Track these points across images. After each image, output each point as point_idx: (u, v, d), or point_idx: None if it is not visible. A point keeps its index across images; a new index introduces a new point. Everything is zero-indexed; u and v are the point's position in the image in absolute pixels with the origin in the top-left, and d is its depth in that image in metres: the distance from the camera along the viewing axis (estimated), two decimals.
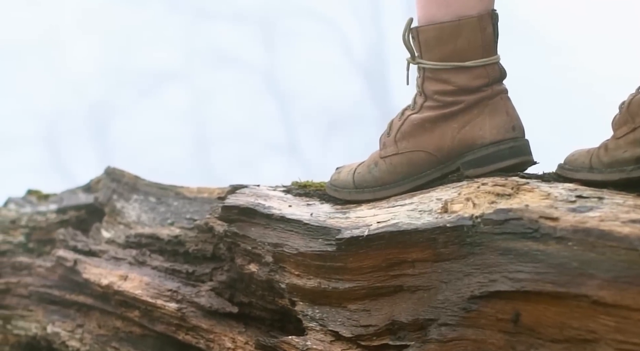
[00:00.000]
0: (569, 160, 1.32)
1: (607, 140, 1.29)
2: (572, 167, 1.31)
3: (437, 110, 1.37)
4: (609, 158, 1.26)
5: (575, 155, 1.35)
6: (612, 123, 1.29)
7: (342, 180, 1.46)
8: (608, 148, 1.26)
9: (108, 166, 1.99)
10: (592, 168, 1.30)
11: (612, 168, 1.25)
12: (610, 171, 1.25)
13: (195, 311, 1.54)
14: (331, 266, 1.36)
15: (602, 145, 1.28)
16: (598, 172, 1.27)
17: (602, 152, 1.27)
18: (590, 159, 1.31)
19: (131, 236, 1.77)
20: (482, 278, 1.18)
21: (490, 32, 1.35)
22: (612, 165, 1.25)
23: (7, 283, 1.92)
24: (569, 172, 1.31)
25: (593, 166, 1.29)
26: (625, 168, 1.23)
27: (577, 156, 1.37)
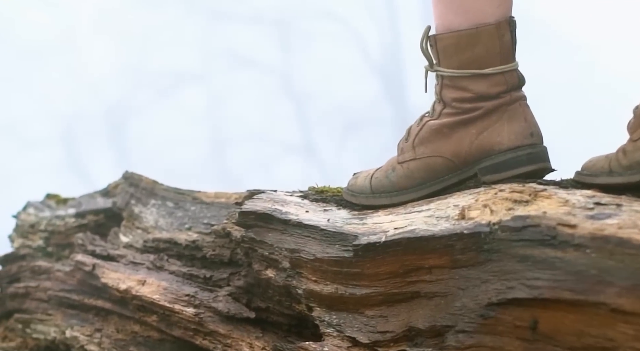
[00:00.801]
0: (587, 166, 1.31)
1: (625, 144, 1.28)
2: (591, 172, 1.30)
3: (456, 117, 1.37)
4: (627, 160, 1.25)
5: (593, 160, 1.35)
6: (627, 127, 1.29)
7: (359, 186, 1.46)
8: (626, 151, 1.26)
9: (126, 171, 2.00)
10: (612, 172, 1.29)
11: (632, 170, 1.25)
12: (631, 173, 1.24)
13: (212, 316, 1.55)
14: (348, 272, 1.36)
15: (620, 149, 1.28)
16: (618, 175, 1.26)
17: (621, 155, 1.26)
18: (610, 163, 1.31)
19: (149, 241, 1.78)
20: (499, 285, 1.18)
21: (508, 39, 1.35)
22: (632, 167, 1.24)
23: (27, 287, 1.93)
24: (588, 177, 1.30)
25: (613, 170, 1.28)
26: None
27: (595, 162, 1.37)
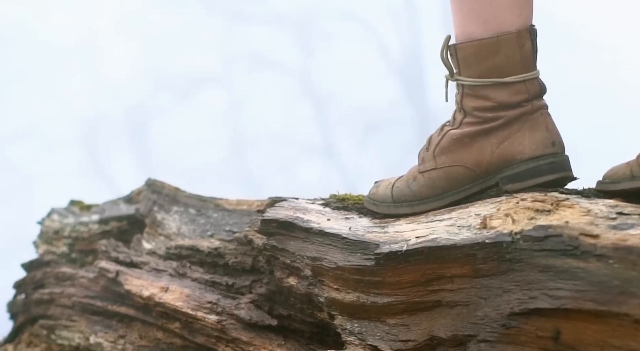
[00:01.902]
0: (608, 175, 1.31)
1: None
2: (613, 180, 1.30)
3: (477, 126, 1.37)
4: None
5: (614, 169, 1.34)
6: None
7: (381, 194, 1.46)
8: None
9: (149, 178, 2.01)
10: (634, 176, 1.29)
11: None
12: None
13: (235, 323, 1.56)
14: (370, 280, 1.37)
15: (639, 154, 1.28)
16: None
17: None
18: (631, 169, 1.31)
19: (172, 248, 1.80)
20: (521, 295, 1.18)
21: (529, 47, 1.35)
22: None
23: (51, 294, 1.95)
24: (610, 185, 1.30)
25: (634, 175, 1.28)
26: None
27: (617, 170, 1.37)
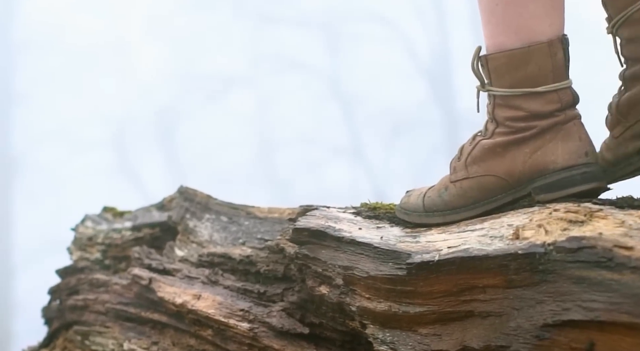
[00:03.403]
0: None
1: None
2: None
3: (509, 136, 1.36)
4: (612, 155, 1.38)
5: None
6: (605, 124, 1.40)
7: (412, 204, 1.46)
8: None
9: (181, 185, 2.03)
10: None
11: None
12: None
13: (266, 331, 1.57)
14: (401, 290, 1.37)
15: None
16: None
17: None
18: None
19: (204, 255, 1.81)
20: (555, 307, 1.17)
21: (561, 57, 1.34)
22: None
23: (85, 300, 1.97)
24: None
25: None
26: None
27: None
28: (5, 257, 10.70)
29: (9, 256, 10.73)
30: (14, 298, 10.67)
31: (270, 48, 10.97)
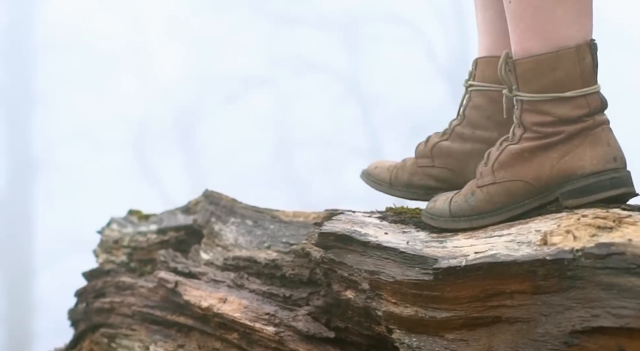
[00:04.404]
0: (371, 169, 1.33)
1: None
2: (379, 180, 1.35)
3: (537, 141, 1.36)
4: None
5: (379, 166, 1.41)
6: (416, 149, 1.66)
7: (438, 209, 1.46)
8: None
9: (206, 189, 2.04)
10: (392, 185, 1.63)
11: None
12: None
13: (292, 335, 1.57)
14: (428, 295, 1.37)
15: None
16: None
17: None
18: (391, 176, 1.62)
19: (229, 258, 1.82)
20: (583, 313, 1.17)
21: (589, 62, 1.34)
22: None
23: (112, 303, 1.98)
24: None
25: (392, 183, 1.62)
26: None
27: (380, 170, 1.45)
28: (25, 257, 10.78)
29: (29, 256, 10.81)
30: (35, 298, 10.74)
31: (288, 49, 11.00)
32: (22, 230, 10.74)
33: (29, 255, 10.73)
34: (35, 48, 11.00)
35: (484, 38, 1.62)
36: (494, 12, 1.59)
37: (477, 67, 1.62)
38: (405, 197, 1.66)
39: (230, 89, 11.09)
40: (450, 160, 1.62)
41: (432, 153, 1.63)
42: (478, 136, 1.61)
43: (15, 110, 10.89)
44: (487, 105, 1.61)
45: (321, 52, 10.84)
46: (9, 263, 10.67)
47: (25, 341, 10.55)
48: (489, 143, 1.57)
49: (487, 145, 1.57)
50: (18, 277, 10.65)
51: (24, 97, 10.94)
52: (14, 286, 10.63)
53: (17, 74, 10.87)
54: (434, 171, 1.62)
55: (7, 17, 10.93)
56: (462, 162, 1.61)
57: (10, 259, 10.66)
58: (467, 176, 1.57)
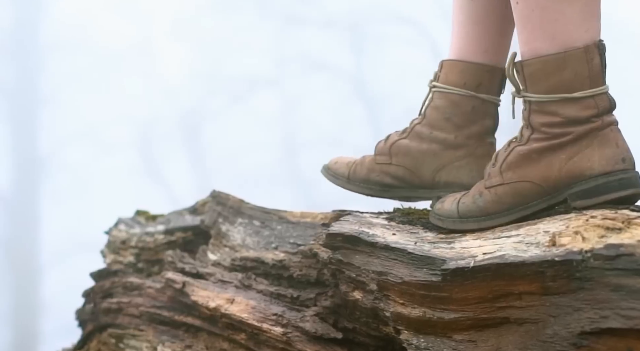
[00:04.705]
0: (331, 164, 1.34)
1: None
2: None
3: (545, 142, 1.36)
4: None
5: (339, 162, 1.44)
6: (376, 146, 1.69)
7: (446, 210, 1.46)
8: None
9: (213, 190, 2.04)
10: (350, 179, 1.67)
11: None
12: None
13: (300, 335, 1.57)
14: (436, 296, 1.37)
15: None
16: None
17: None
18: (349, 171, 1.65)
19: (237, 259, 1.82)
20: (592, 314, 1.17)
21: (597, 62, 1.34)
22: None
23: (119, 303, 1.99)
24: None
25: (350, 177, 1.66)
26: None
27: (340, 164, 1.47)
28: (31, 257, 10.81)
29: (35, 256, 10.83)
30: (41, 298, 10.76)
31: (295, 49, 11.00)
32: (28, 230, 10.77)
33: (35, 255, 10.75)
34: (41, 48, 11.02)
35: (454, 40, 1.63)
36: (467, 16, 1.60)
37: (442, 68, 1.63)
38: (361, 192, 1.68)
39: (236, 89, 11.09)
40: (407, 159, 1.64)
41: (391, 151, 1.65)
42: (435, 136, 1.62)
43: (22, 109, 10.92)
44: (447, 107, 1.62)
45: (327, 52, 10.83)
46: (15, 262, 10.70)
47: (31, 341, 10.57)
48: (444, 144, 1.60)
49: (443, 146, 1.60)
50: (24, 277, 10.67)
51: (30, 97, 10.96)
52: (20, 286, 10.66)
53: (23, 73, 10.89)
54: (391, 169, 1.64)
55: (13, 17, 10.95)
56: (418, 161, 1.63)
57: (16, 259, 10.68)
58: (422, 175, 1.61)
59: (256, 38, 11.11)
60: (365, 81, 10.77)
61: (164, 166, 11.56)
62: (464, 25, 1.61)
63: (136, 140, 11.64)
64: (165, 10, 11.29)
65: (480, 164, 1.58)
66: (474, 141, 1.61)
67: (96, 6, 11.07)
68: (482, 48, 1.60)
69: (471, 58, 1.60)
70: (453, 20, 1.64)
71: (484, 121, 1.61)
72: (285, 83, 11.20)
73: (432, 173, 1.61)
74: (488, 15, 1.59)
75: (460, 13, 1.62)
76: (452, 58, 1.62)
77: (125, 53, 11.26)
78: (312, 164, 11.26)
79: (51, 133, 11.12)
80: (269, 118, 11.19)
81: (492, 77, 1.60)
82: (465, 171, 1.60)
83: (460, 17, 1.61)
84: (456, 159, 1.61)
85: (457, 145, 1.61)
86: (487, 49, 1.59)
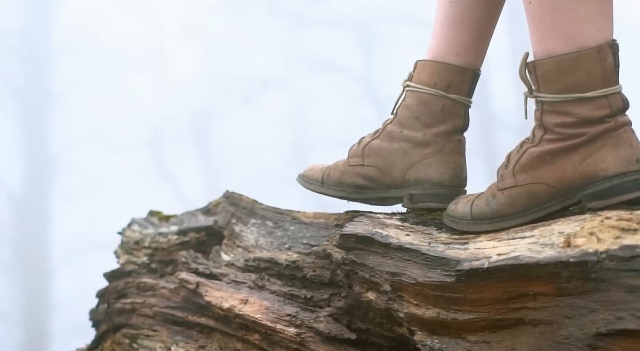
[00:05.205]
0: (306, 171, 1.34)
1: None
2: None
3: (558, 143, 1.36)
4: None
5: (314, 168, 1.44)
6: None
7: (460, 212, 1.46)
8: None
9: (226, 190, 2.05)
10: (324, 184, 1.68)
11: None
12: None
13: (314, 336, 1.57)
14: (450, 297, 1.37)
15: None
16: None
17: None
18: (323, 175, 1.65)
19: (250, 260, 1.82)
20: (608, 315, 1.17)
21: (610, 62, 1.33)
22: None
23: (133, 303, 1.99)
24: None
25: (325, 182, 1.67)
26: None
27: (314, 171, 1.47)
28: (43, 257, 10.85)
29: (46, 256, 10.87)
30: (52, 298, 10.81)
31: (304, 50, 11.01)
32: (39, 230, 10.81)
33: (45, 255, 10.79)
34: (52, 49, 11.07)
35: (432, 41, 1.64)
36: (445, 18, 1.62)
37: (416, 68, 1.65)
38: (335, 196, 1.70)
39: (246, 90, 11.11)
40: (378, 159, 1.65)
41: (364, 152, 1.67)
42: (405, 135, 1.63)
43: (33, 110, 10.96)
44: (417, 105, 1.63)
45: (337, 53, 10.84)
46: (25, 263, 10.74)
47: (42, 341, 10.61)
48: (413, 142, 1.62)
49: (412, 144, 1.62)
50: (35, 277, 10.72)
51: (41, 98, 11.01)
52: (30, 286, 10.70)
53: (35, 74, 10.94)
54: (363, 170, 1.65)
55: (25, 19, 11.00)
56: (389, 160, 1.64)
57: (27, 259, 10.73)
58: (393, 174, 1.63)
59: (266, 38, 11.13)
60: (374, 81, 10.76)
61: (173, 166, 11.59)
62: (441, 26, 1.62)
63: (146, 141, 11.68)
64: (175, 12, 11.32)
65: (449, 160, 1.61)
66: (442, 138, 1.62)
67: (107, 8, 11.11)
68: (456, 50, 1.61)
69: (444, 59, 1.61)
70: (434, 21, 1.65)
71: (454, 120, 1.63)
72: (295, 83, 11.21)
73: (402, 171, 1.63)
74: (465, 19, 1.60)
75: (440, 14, 1.63)
76: (427, 58, 1.63)
77: (136, 54, 11.30)
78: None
79: (62, 134, 11.16)
80: (279, 118, 11.20)
81: (462, 78, 1.61)
82: (433, 167, 1.61)
83: (440, 19, 1.63)
84: (424, 156, 1.62)
85: (425, 143, 1.62)
86: (460, 51, 1.61)
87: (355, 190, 1.66)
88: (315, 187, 1.72)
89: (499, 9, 1.64)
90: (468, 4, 1.60)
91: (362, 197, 1.66)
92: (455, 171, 1.63)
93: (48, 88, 11.09)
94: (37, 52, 10.89)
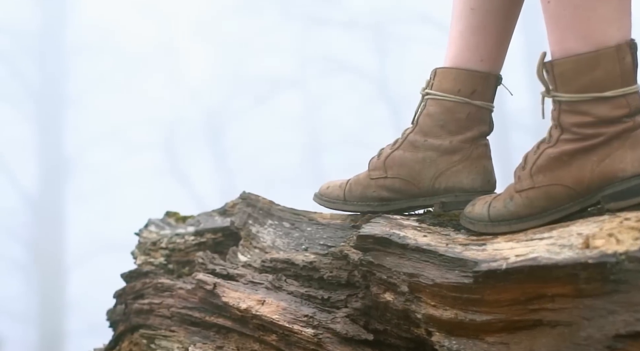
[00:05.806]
0: (323, 190, 1.33)
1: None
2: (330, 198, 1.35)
3: (575, 143, 1.35)
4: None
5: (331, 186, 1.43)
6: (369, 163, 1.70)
7: (477, 213, 1.46)
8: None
9: (243, 191, 2.05)
10: (347, 201, 1.67)
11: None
12: None
13: (331, 337, 1.57)
14: (468, 298, 1.37)
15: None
16: None
17: None
18: (344, 191, 1.63)
19: (267, 260, 1.82)
20: (627, 317, 1.16)
21: (629, 61, 1.33)
22: None
23: (151, 304, 2.00)
24: None
25: (347, 199, 1.66)
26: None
27: (332, 189, 1.46)
28: (58, 257, 10.90)
29: (61, 256, 10.93)
30: (67, 298, 10.86)
31: (318, 50, 11.01)
32: (54, 231, 10.87)
33: (60, 255, 10.85)
34: (67, 51, 11.12)
35: (450, 48, 1.63)
36: (466, 26, 1.61)
37: (436, 76, 1.64)
38: (360, 211, 1.70)
39: (260, 90, 11.13)
40: (402, 170, 1.64)
41: (385, 164, 1.66)
42: (430, 144, 1.63)
43: (48, 111, 11.02)
44: (441, 113, 1.62)
45: (350, 53, 10.83)
46: (41, 263, 10.80)
47: (57, 340, 10.67)
48: (440, 150, 1.61)
49: (439, 152, 1.61)
50: (50, 277, 10.77)
51: (56, 99, 11.06)
52: (46, 286, 10.75)
53: (49, 76, 10.99)
54: (387, 182, 1.65)
55: (40, 21, 11.06)
56: (415, 170, 1.63)
57: (42, 259, 10.79)
58: (421, 184, 1.62)
59: (279, 39, 11.14)
60: (388, 81, 10.75)
61: (187, 166, 11.62)
62: (462, 34, 1.61)
63: (160, 141, 11.72)
64: (188, 12, 11.34)
65: (478, 166, 1.60)
66: (469, 144, 1.62)
67: (121, 9, 11.15)
68: (479, 57, 1.60)
69: (467, 65, 1.61)
70: (451, 28, 1.64)
71: (480, 127, 1.62)
72: (309, 84, 11.21)
73: (430, 180, 1.62)
74: (487, 25, 1.60)
75: (459, 22, 1.62)
76: (447, 66, 1.62)
77: (150, 55, 11.33)
78: (335, 165, 11.29)
79: (77, 135, 11.22)
80: (292, 118, 11.21)
81: (486, 83, 1.61)
82: (464, 174, 1.61)
83: (459, 26, 1.62)
84: (453, 164, 1.61)
85: (452, 150, 1.62)
86: (484, 57, 1.60)
87: (381, 202, 1.66)
88: (338, 205, 1.71)
89: (518, 13, 1.64)
90: (491, 11, 1.60)
91: (389, 208, 1.66)
92: (486, 176, 1.62)
93: (63, 90, 11.15)
94: (52, 53, 10.94)
